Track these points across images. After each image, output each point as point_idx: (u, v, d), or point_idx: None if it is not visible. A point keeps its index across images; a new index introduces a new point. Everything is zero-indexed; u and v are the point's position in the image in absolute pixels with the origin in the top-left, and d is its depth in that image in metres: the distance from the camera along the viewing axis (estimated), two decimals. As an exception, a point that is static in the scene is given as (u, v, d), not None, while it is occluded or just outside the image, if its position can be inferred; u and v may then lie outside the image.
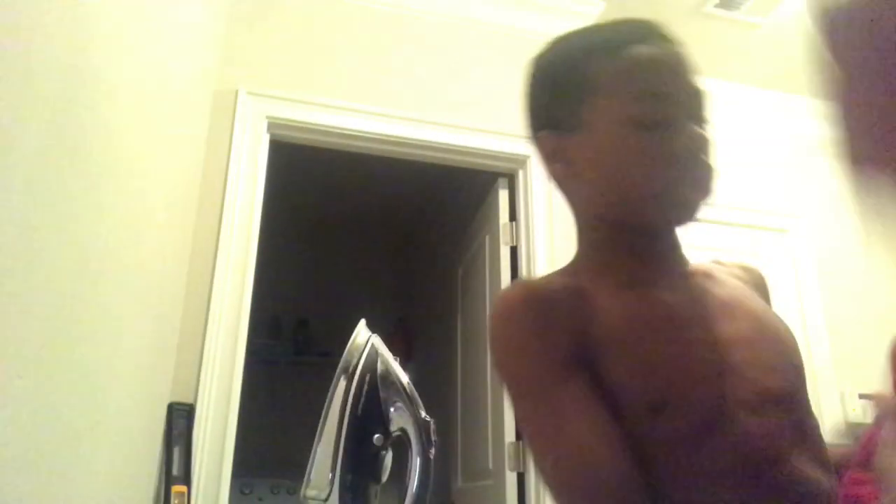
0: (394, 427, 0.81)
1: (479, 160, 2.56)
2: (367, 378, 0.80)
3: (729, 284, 0.81)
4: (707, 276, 0.80)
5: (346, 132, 2.37)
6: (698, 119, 0.75)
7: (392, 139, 2.42)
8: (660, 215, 0.76)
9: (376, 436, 0.79)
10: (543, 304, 0.73)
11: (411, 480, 0.81)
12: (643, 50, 0.75)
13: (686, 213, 0.75)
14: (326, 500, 0.75)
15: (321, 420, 0.78)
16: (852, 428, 2.67)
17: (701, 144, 0.73)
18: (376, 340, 0.84)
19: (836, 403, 2.78)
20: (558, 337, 0.70)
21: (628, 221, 0.77)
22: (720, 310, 0.75)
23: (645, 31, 0.77)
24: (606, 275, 0.76)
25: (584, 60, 0.77)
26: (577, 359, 0.69)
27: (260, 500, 3.55)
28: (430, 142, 2.45)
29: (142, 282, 1.48)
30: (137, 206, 1.39)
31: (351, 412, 0.78)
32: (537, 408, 0.70)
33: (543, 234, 2.44)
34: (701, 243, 0.93)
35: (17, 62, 0.80)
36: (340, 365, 0.80)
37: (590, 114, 0.76)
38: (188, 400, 1.92)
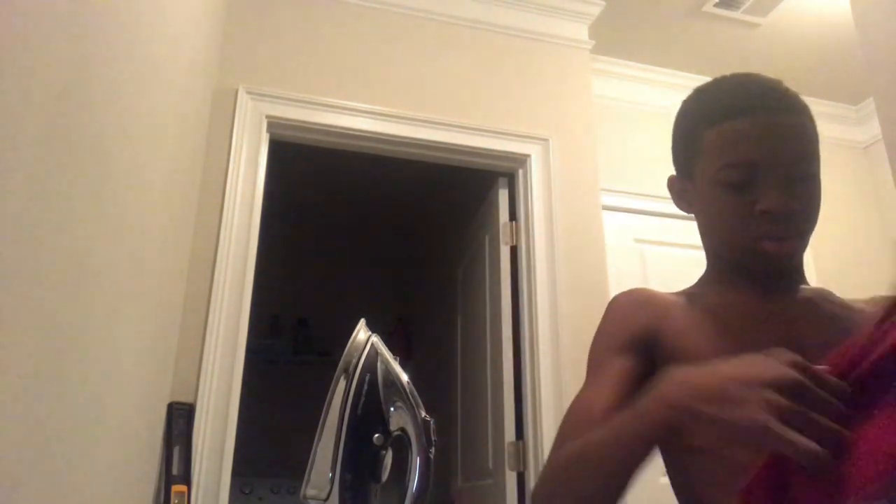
0: (394, 427, 0.81)
1: (479, 160, 2.56)
2: (367, 378, 0.80)
3: (842, 309, 0.88)
4: (821, 297, 0.89)
5: (345, 132, 2.37)
6: (796, 180, 0.83)
7: (392, 139, 2.42)
8: (746, 262, 0.86)
9: (376, 436, 0.79)
10: (635, 304, 0.91)
11: (411, 480, 0.81)
12: (743, 121, 0.83)
13: (769, 261, 0.84)
14: (326, 499, 0.75)
15: (321, 420, 0.78)
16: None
17: (785, 209, 0.82)
18: (376, 340, 0.84)
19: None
20: (627, 329, 0.87)
21: (729, 259, 0.90)
22: (814, 322, 0.84)
23: (760, 98, 0.84)
24: (720, 286, 0.91)
25: (698, 124, 0.88)
26: (635, 344, 0.85)
27: (260, 499, 3.55)
28: (430, 142, 2.45)
29: (142, 281, 1.48)
30: (138, 206, 1.38)
31: (351, 412, 0.78)
32: (586, 377, 0.88)
33: (543, 233, 2.44)
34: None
35: (17, 62, 0.80)
36: (340, 364, 0.80)
37: (697, 171, 0.89)
38: (188, 400, 1.92)
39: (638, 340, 0.86)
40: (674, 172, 0.96)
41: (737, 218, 0.83)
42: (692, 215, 0.96)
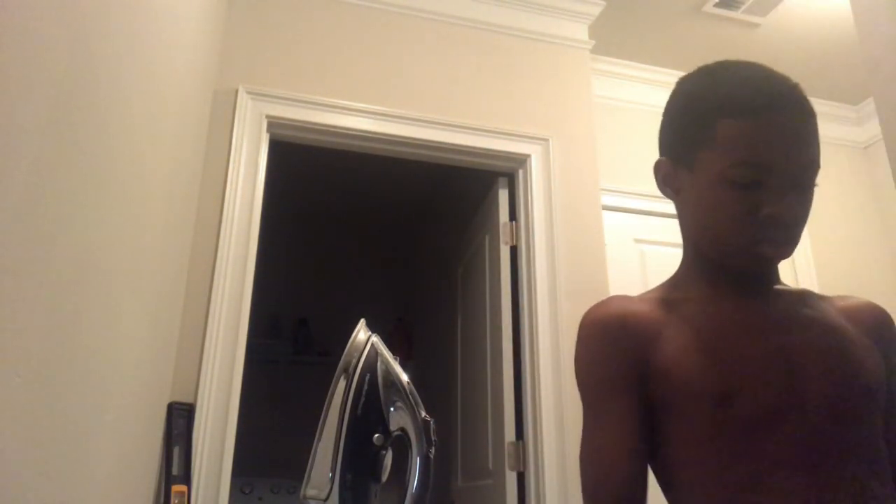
0: (394, 427, 0.81)
1: (479, 160, 2.56)
2: (367, 378, 0.80)
3: (819, 308, 0.88)
4: (799, 297, 0.89)
5: (345, 132, 2.37)
6: (801, 188, 0.81)
7: (392, 139, 2.42)
8: (736, 263, 0.85)
9: (376, 435, 0.79)
10: (618, 327, 0.85)
11: (411, 480, 0.81)
12: (763, 120, 0.80)
13: (761, 265, 0.84)
14: (326, 499, 0.75)
15: (321, 419, 0.78)
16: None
17: (791, 215, 0.80)
18: (376, 340, 0.84)
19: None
20: (621, 360, 0.84)
21: (714, 257, 0.87)
22: (799, 323, 0.84)
23: (780, 98, 0.81)
24: (701, 284, 0.89)
25: (711, 112, 0.83)
26: (633, 379, 0.82)
27: (260, 499, 3.55)
28: (430, 141, 2.45)
29: (142, 281, 1.48)
30: (137, 206, 1.39)
31: (351, 412, 0.78)
32: (587, 416, 0.85)
33: (543, 233, 2.44)
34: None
35: (17, 62, 0.80)
36: (340, 364, 0.80)
37: (701, 161, 0.84)
38: (188, 400, 1.92)
39: (631, 376, 0.83)
40: (660, 156, 0.92)
41: (739, 219, 0.80)
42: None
